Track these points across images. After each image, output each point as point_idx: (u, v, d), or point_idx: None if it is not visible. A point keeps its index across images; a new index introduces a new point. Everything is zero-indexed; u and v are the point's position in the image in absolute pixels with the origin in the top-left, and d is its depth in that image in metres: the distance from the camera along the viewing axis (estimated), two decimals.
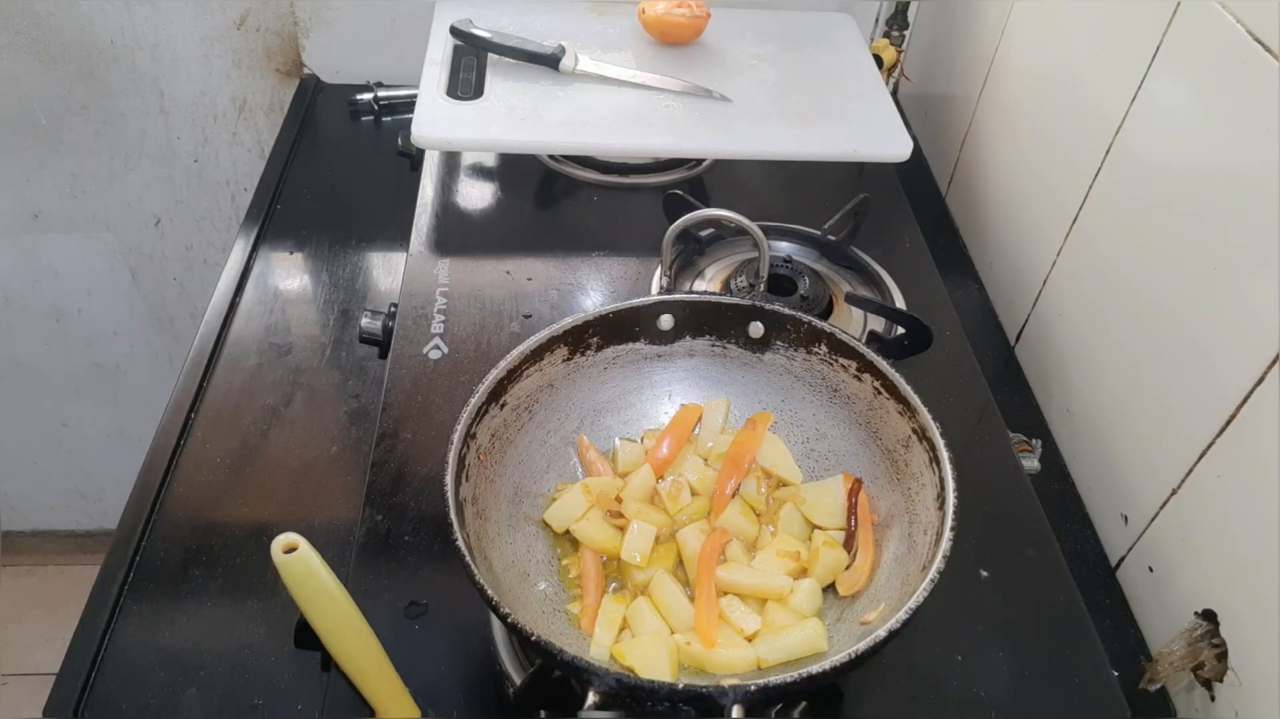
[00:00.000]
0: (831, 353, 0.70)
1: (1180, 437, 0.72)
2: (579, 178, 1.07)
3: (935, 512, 0.60)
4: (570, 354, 0.70)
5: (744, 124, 1.01)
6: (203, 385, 0.88)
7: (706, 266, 0.95)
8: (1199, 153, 0.72)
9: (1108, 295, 0.84)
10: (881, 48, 1.27)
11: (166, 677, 0.67)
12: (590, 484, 0.68)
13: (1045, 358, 0.95)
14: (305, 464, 0.83)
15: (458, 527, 0.56)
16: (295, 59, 1.31)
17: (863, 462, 0.69)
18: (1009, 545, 0.74)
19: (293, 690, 0.66)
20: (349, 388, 0.90)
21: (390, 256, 1.04)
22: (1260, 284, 0.65)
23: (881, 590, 0.62)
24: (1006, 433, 0.82)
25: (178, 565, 0.74)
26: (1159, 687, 0.71)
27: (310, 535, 0.59)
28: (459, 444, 0.60)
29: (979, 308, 1.05)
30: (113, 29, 1.24)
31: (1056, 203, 0.92)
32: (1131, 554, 0.79)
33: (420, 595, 0.67)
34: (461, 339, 0.86)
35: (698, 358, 0.75)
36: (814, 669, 0.51)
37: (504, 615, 0.52)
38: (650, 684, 0.51)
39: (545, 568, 0.65)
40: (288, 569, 0.58)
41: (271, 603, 0.71)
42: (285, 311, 0.97)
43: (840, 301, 0.92)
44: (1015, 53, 1.03)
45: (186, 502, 0.79)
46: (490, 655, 0.65)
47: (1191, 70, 0.73)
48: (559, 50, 1.04)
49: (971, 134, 1.13)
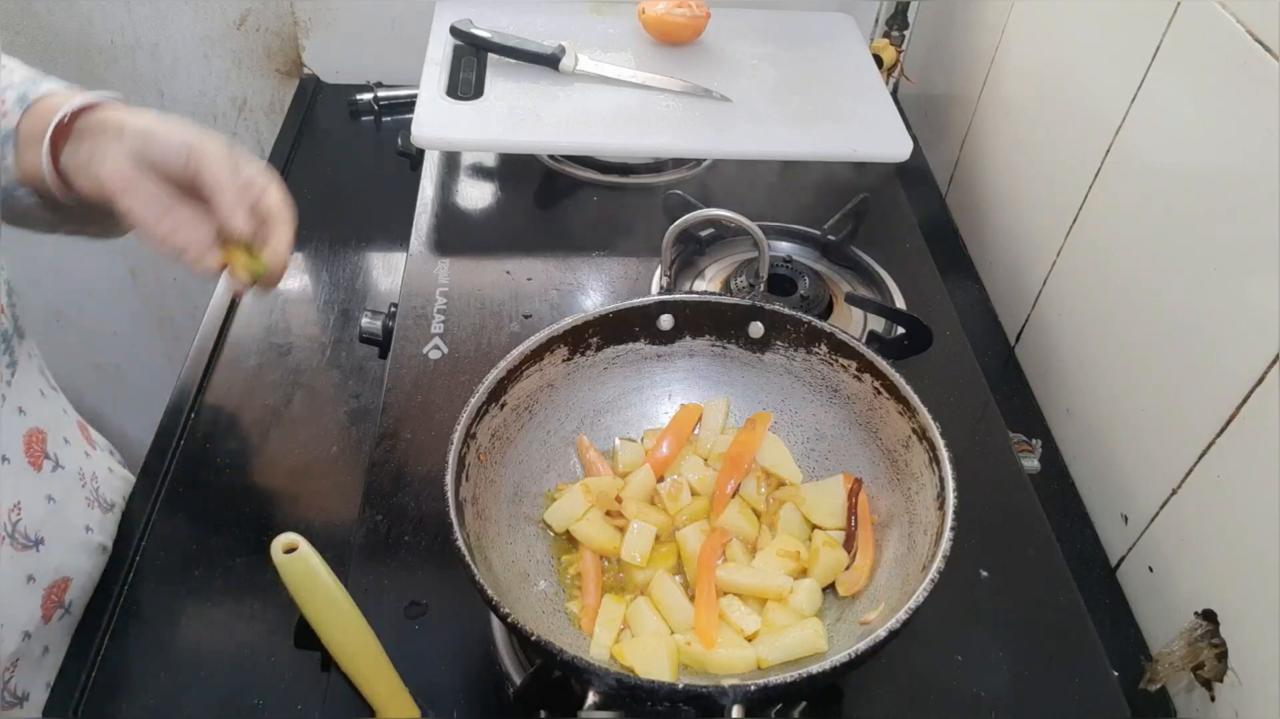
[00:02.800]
0: (831, 353, 0.70)
1: (1180, 437, 0.72)
2: (579, 178, 1.07)
3: (935, 512, 0.60)
4: (570, 354, 0.70)
5: (744, 124, 1.01)
6: (203, 385, 0.88)
7: (706, 266, 0.95)
8: (1199, 153, 0.72)
9: (1108, 295, 0.84)
10: (881, 48, 1.27)
11: (166, 677, 0.67)
12: (590, 484, 0.68)
13: (1045, 358, 0.95)
14: (305, 464, 0.83)
15: (458, 527, 0.56)
16: (295, 59, 1.31)
17: (863, 462, 0.69)
18: (1009, 545, 0.74)
19: (293, 690, 0.66)
20: (349, 388, 0.90)
21: (390, 256, 1.04)
22: (1260, 284, 0.65)
23: (881, 590, 0.62)
24: (1006, 433, 0.82)
25: (178, 565, 0.74)
26: (1159, 687, 0.71)
27: (310, 535, 0.59)
28: (459, 444, 0.60)
29: (979, 308, 1.05)
30: (113, 29, 1.24)
31: (1056, 203, 0.92)
32: (1131, 554, 0.79)
33: (420, 595, 0.67)
34: (461, 339, 0.86)
35: (698, 358, 0.75)
36: (814, 669, 0.51)
37: (504, 615, 0.52)
38: (650, 684, 0.51)
39: (545, 568, 0.65)
40: (288, 569, 0.58)
41: (271, 603, 0.71)
42: (285, 311, 0.97)
43: (840, 301, 0.92)
44: (1015, 53, 1.03)
45: (187, 501, 0.79)
46: (490, 655, 0.65)
47: (1191, 70, 0.73)
48: (559, 50, 1.04)
49: (971, 134, 1.13)
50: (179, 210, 0.63)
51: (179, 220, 0.62)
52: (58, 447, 0.72)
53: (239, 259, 0.64)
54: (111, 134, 0.62)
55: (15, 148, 0.64)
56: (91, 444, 0.80)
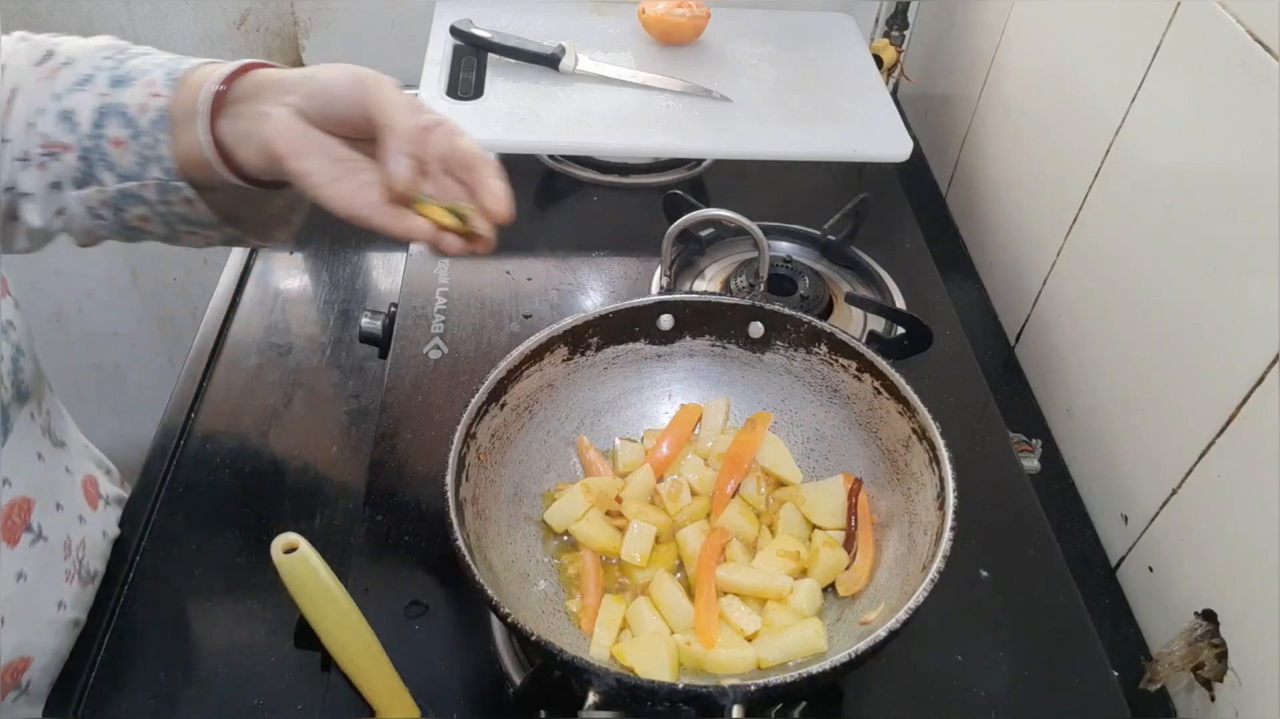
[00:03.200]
0: (831, 353, 0.70)
1: (1180, 437, 0.72)
2: (579, 178, 1.07)
3: (935, 512, 0.60)
4: (570, 354, 0.70)
5: (744, 124, 1.01)
6: (203, 385, 0.88)
7: (706, 266, 0.95)
8: (1199, 153, 0.72)
9: (1108, 295, 0.84)
10: (881, 48, 1.27)
11: (166, 677, 0.67)
12: (590, 484, 0.68)
13: (1045, 358, 0.95)
14: (305, 464, 0.83)
15: (458, 527, 0.56)
16: (295, 59, 1.31)
17: (863, 462, 0.69)
18: (1009, 545, 0.74)
19: (293, 690, 0.66)
20: (349, 388, 0.90)
21: (390, 256, 1.04)
22: (1260, 284, 0.64)
23: (881, 590, 0.62)
24: (1006, 433, 0.82)
25: (178, 566, 0.74)
26: (1159, 687, 0.71)
27: (310, 535, 0.59)
28: (459, 444, 0.60)
29: (979, 308, 1.04)
30: (113, 29, 1.24)
31: (1056, 203, 0.92)
32: (1131, 554, 0.79)
33: (420, 595, 0.67)
34: (461, 339, 0.86)
35: (698, 358, 0.75)
36: (814, 669, 0.51)
37: (504, 615, 0.52)
38: (650, 684, 0.51)
39: (545, 568, 0.65)
40: (288, 569, 0.58)
41: (271, 603, 0.71)
42: (285, 311, 0.97)
43: (840, 301, 0.92)
44: (1015, 53, 1.03)
45: (187, 501, 0.79)
46: (490, 655, 0.65)
47: (1191, 70, 0.73)
48: (559, 50, 1.04)
49: (971, 134, 1.13)
50: (359, 169, 0.56)
51: (362, 179, 0.55)
52: (45, 515, 0.64)
53: (437, 213, 0.56)
54: (271, 91, 0.56)
55: (171, 130, 0.59)
56: (95, 501, 0.73)
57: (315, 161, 0.55)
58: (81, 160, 0.61)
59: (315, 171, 0.55)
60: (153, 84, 0.60)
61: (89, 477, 0.73)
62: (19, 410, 0.62)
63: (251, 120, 0.57)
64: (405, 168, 0.55)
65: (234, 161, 0.59)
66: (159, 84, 0.60)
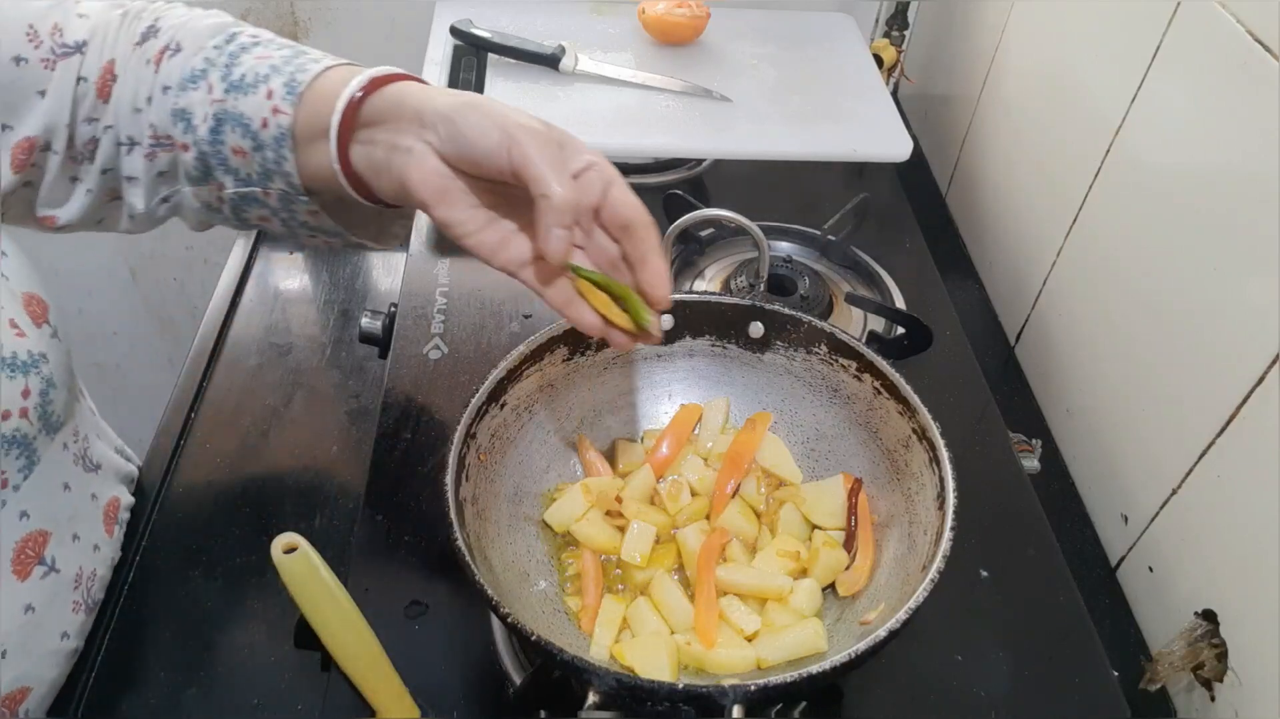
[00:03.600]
0: (831, 353, 0.70)
1: (1180, 437, 0.72)
2: None
3: (935, 512, 0.60)
4: (570, 354, 0.70)
5: (744, 124, 1.01)
6: (203, 385, 0.88)
7: (706, 266, 0.95)
8: (1199, 153, 0.72)
9: (1108, 295, 0.84)
10: (881, 48, 1.27)
11: (166, 677, 0.67)
12: (590, 484, 0.68)
13: (1045, 358, 0.95)
14: (305, 464, 0.83)
15: (458, 527, 0.56)
16: None
17: (863, 462, 0.69)
18: (1009, 545, 0.74)
19: (293, 690, 0.66)
20: (349, 388, 0.90)
21: (390, 257, 1.04)
22: (1260, 284, 0.64)
23: (881, 590, 0.62)
24: (1006, 433, 0.82)
25: (178, 566, 0.74)
26: (1159, 687, 0.71)
27: (310, 535, 0.59)
28: (459, 444, 0.60)
29: (979, 308, 1.04)
30: None
31: (1057, 203, 0.92)
32: (1131, 554, 0.79)
33: (420, 595, 0.67)
34: (461, 339, 0.86)
35: (698, 358, 0.75)
36: (814, 669, 0.51)
37: (504, 615, 0.52)
38: (650, 684, 0.51)
39: (545, 568, 0.65)
40: (288, 569, 0.58)
41: (271, 603, 0.71)
42: (285, 311, 0.97)
43: (840, 302, 0.92)
44: (1015, 53, 1.03)
45: (186, 501, 0.79)
46: (490, 655, 0.65)
47: (1191, 70, 0.73)
48: (559, 50, 1.04)
49: (971, 134, 1.13)
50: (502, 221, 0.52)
51: (507, 227, 0.52)
52: (61, 547, 0.63)
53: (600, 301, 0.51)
54: (410, 123, 0.52)
55: (294, 148, 0.55)
56: (112, 526, 0.71)
57: (462, 212, 0.53)
58: (199, 160, 0.59)
59: (463, 222, 0.53)
60: (272, 95, 0.57)
61: (113, 499, 0.72)
62: (49, 442, 0.61)
63: (387, 152, 0.54)
64: (562, 242, 0.51)
65: (365, 188, 0.57)
66: (278, 96, 0.56)
